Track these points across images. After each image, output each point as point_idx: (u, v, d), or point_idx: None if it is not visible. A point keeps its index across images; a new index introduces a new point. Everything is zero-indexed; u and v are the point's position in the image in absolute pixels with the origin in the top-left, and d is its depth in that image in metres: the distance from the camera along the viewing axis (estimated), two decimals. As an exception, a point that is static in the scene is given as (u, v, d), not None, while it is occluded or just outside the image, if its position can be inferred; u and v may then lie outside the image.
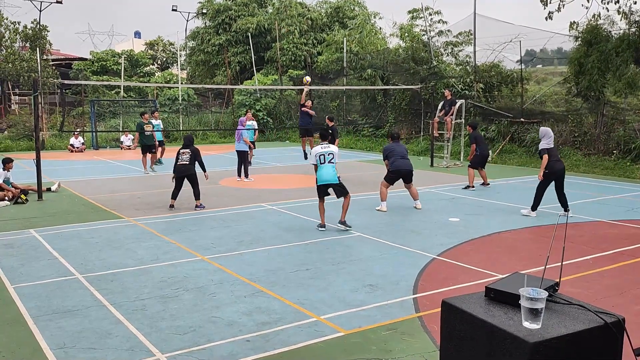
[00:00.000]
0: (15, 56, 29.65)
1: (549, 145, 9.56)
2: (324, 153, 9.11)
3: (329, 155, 9.10)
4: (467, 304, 2.62)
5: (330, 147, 9.25)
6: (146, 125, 16.50)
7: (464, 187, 13.01)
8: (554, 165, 9.54)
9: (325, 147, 9.21)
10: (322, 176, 9.06)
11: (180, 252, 7.68)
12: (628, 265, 7.05)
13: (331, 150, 9.17)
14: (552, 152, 9.58)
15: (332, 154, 9.14)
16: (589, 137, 17.67)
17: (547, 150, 9.50)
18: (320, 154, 9.11)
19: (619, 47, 16.19)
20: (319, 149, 9.19)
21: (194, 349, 4.65)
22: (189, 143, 10.82)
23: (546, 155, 9.45)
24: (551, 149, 9.56)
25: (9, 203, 11.32)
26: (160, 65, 43.98)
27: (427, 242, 8.14)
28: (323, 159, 9.08)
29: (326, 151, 9.13)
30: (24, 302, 5.76)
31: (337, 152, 9.31)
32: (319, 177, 9.10)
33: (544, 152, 9.51)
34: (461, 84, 21.38)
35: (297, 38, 31.79)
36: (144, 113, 17.38)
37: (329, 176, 9.03)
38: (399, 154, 10.54)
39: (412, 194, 10.70)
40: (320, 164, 9.08)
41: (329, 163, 9.08)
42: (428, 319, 5.27)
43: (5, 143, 24.11)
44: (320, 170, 9.09)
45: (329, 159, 9.09)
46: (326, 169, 9.05)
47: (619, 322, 2.44)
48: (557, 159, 9.72)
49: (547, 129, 9.81)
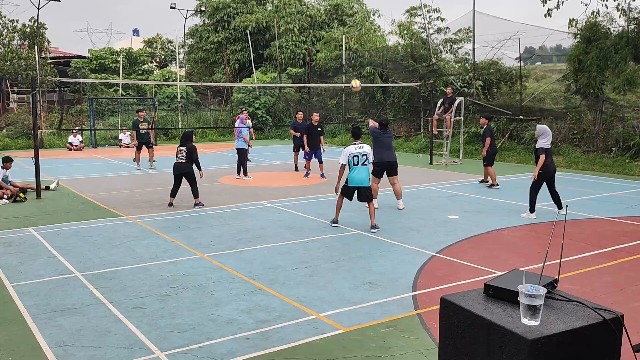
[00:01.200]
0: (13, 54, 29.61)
1: (547, 145, 9.30)
2: (358, 154, 8.67)
3: (362, 157, 8.67)
4: (466, 300, 2.62)
5: (364, 148, 8.79)
6: (141, 123, 16.66)
7: (488, 186, 12.79)
8: (549, 166, 9.36)
9: (359, 148, 8.76)
10: (354, 178, 8.67)
11: (180, 250, 7.68)
12: (627, 262, 7.06)
13: (365, 152, 8.72)
14: (549, 152, 9.36)
15: (366, 155, 8.72)
16: (588, 135, 17.68)
17: (545, 150, 9.26)
18: (354, 155, 8.67)
19: (618, 44, 16.19)
20: (353, 149, 8.74)
21: (193, 346, 4.65)
22: (186, 140, 10.61)
23: (543, 155, 9.21)
24: (549, 150, 9.33)
25: (7, 201, 11.31)
26: (158, 63, 43.96)
27: (426, 240, 8.14)
28: (357, 161, 8.66)
29: (360, 152, 8.69)
30: (23, 300, 5.76)
31: (370, 152, 8.89)
32: (351, 179, 8.69)
33: (542, 152, 9.26)
34: (460, 82, 21.38)
35: (297, 36, 31.76)
36: (139, 111, 17.56)
37: (362, 179, 8.67)
38: (385, 145, 10.09)
39: (396, 191, 10.31)
40: (353, 165, 8.68)
41: (362, 165, 8.68)
42: (427, 316, 5.28)
43: (4, 141, 24.09)
44: (352, 171, 8.68)
45: (362, 161, 8.67)
46: (360, 171, 8.67)
47: (618, 319, 2.44)
48: (552, 160, 9.50)
49: (546, 127, 9.56)
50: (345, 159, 8.78)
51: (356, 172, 8.71)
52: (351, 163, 8.74)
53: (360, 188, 8.73)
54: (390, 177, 10.33)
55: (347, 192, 8.86)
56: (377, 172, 10.23)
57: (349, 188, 8.79)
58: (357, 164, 8.70)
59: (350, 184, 8.75)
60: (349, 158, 8.74)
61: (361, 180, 8.71)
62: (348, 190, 8.83)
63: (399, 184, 10.47)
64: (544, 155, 9.24)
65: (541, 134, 9.42)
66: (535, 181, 9.45)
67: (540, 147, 9.34)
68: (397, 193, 10.39)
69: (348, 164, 8.78)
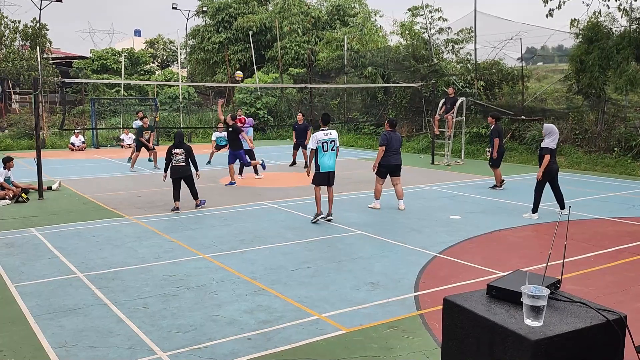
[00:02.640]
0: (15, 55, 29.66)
1: (553, 145, 9.21)
2: (327, 140, 9.06)
3: (331, 143, 9.05)
4: (469, 301, 2.62)
5: (332, 134, 9.16)
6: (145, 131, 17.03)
7: (490, 187, 12.64)
8: (552, 165, 9.31)
9: (327, 134, 9.13)
10: (324, 164, 9.08)
11: (182, 250, 7.68)
12: (629, 262, 7.04)
13: (333, 138, 9.14)
14: (554, 153, 9.31)
15: (334, 141, 9.14)
16: (589, 135, 17.66)
17: (551, 150, 9.17)
18: (322, 141, 9.03)
19: (620, 45, 16.17)
20: (322, 136, 9.09)
21: (195, 347, 4.65)
22: (181, 140, 10.45)
23: (548, 156, 9.12)
24: (554, 150, 9.26)
25: (10, 202, 11.33)
26: (160, 64, 43.99)
27: (428, 240, 8.14)
28: (326, 147, 9.02)
29: (328, 138, 9.09)
30: (25, 301, 5.77)
31: (337, 138, 9.32)
32: (322, 164, 9.08)
33: (547, 151, 9.16)
34: (462, 82, 21.36)
35: (300, 37, 31.77)
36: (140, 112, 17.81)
37: (331, 165, 9.12)
38: (394, 149, 10.23)
39: (398, 192, 10.39)
40: (323, 151, 9.02)
41: (331, 151, 9.07)
42: (429, 316, 5.27)
43: (6, 142, 24.11)
44: (322, 157, 9.06)
45: (331, 147, 9.06)
46: (329, 156, 9.07)
47: (621, 320, 2.44)
48: (555, 160, 9.43)
49: (553, 127, 9.41)
50: (314, 144, 9.13)
51: (326, 157, 9.12)
52: (320, 149, 9.09)
53: (330, 173, 9.19)
54: (393, 177, 10.40)
55: (320, 180, 9.21)
56: (381, 173, 10.37)
57: (321, 174, 9.17)
58: (327, 150, 9.09)
59: (322, 169, 9.16)
60: (318, 144, 9.09)
61: (330, 166, 9.16)
62: (321, 177, 9.19)
63: (401, 185, 10.50)
64: (548, 155, 9.14)
65: (547, 133, 9.29)
66: (542, 181, 9.40)
67: (546, 146, 9.21)
68: (398, 194, 10.42)
69: (317, 150, 9.11)
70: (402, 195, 10.44)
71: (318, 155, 9.12)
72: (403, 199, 10.47)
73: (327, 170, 9.14)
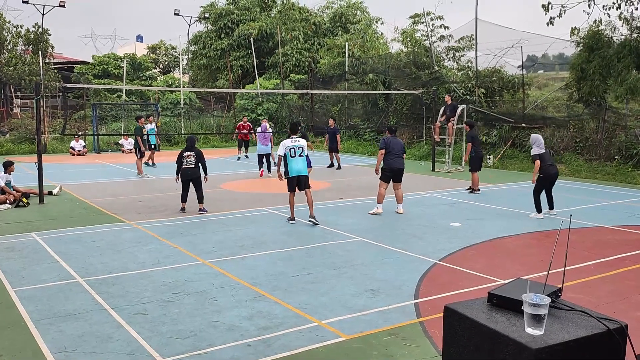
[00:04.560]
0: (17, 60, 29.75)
1: (540, 151, 9.95)
2: (294, 147, 9.58)
3: (298, 149, 9.56)
4: (470, 309, 2.62)
5: (300, 141, 9.67)
6: (143, 128, 17.02)
7: (468, 190, 12.99)
8: (548, 169, 9.95)
9: (295, 141, 9.65)
10: (292, 168, 9.54)
11: (182, 256, 7.67)
12: (630, 271, 7.03)
13: (301, 144, 9.63)
14: (544, 157, 9.96)
15: (302, 147, 9.60)
16: (590, 143, 17.67)
17: (539, 156, 9.90)
18: (290, 147, 9.56)
19: (621, 53, 16.20)
20: (289, 143, 9.63)
21: (195, 353, 4.64)
22: (193, 144, 10.80)
23: (538, 161, 9.88)
24: (543, 154, 9.94)
25: (10, 206, 11.33)
26: (162, 69, 44.09)
27: (429, 247, 8.13)
28: (293, 153, 9.53)
29: (296, 145, 9.60)
30: (25, 305, 5.76)
31: (305, 146, 9.75)
32: (290, 169, 9.56)
33: (536, 157, 9.94)
34: (462, 89, 21.40)
35: (302, 44, 31.86)
36: (140, 117, 17.69)
37: (299, 169, 9.53)
38: (395, 152, 10.47)
39: (398, 196, 10.64)
40: (290, 157, 9.51)
41: (299, 156, 9.53)
42: (429, 324, 5.26)
43: (7, 146, 24.15)
44: (291, 162, 9.54)
45: (298, 152, 9.54)
46: (297, 161, 9.53)
47: (622, 329, 2.43)
48: (551, 164, 10.12)
49: (538, 136, 10.26)
50: (283, 151, 9.63)
51: (294, 162, 9.57)
52: (288, 155, 9.56)
53: (299, 177, 9.58)
54: (395, 182, 10.60)
55: (291, 185, 9.64)
56: (385, 177, 10.53)
57: (291, 179, 9.61)
58: (295, 155, 9.57)
59: (291, 174, 9.60)
60: (286, 150, 9.59)
61: (299, 170, 9.58)
62: (291, 181, 9.62)
63: (402, 190, 10.71)
64: (538, 160, 9.91)
65: (533, 143, 10.16)
66: (537, 185, 10.05)
67: (534, 154, 10.02)
68: (398, 198, 10.65)
69: (285, 156, 9.60)
70: (401, 200, 10.64)
71: (287, 161, 9.61)
72: (402, 203, 10.65)
73: (295, 175, 9.56)
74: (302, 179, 9.65)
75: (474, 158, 12.90)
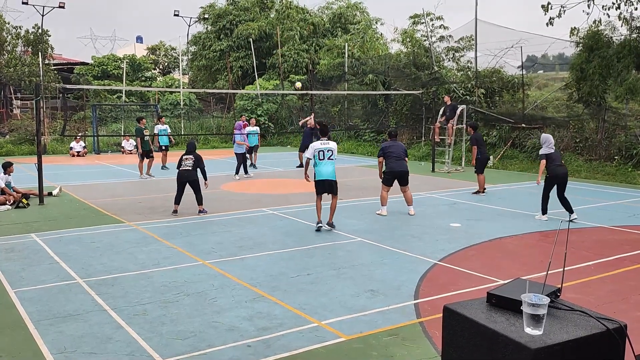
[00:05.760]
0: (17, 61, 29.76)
1: (548, 151, 9.75)
2: (324, 149, 9.12)
3: (328, 152, 9.12)
4: (469, 309, 2.61)
5: (330, 144, 9.24)
6: (144, 130, 16.69)
7: (473, 192, 12.93)
8: (555, 169, 9.70)
9: (324, 144, 9.22)
10: (321, 172, 9.11)
11: (181, 256, 7.67)
12: (630, 271, 7.03)
13: (330, 147, 9.18)
14: (552, 157, 9.75)
15: (332, 150, 9.16)
16: (590, 143, 17.67)
17: (546, 155, 9.72)
18: (319, 150, 9.11)
19: (620, 53, 16.21)
20: (319, 145, 9.18)
21: (195, 354, 4.64)
22: (192, 149, 10.86)
23: (543, 161, 9.73)
24: (550, 154, 9.74)
25: (10, 207, 11.33)
26: (162, 70, 44.09)
27: (429, 248, 8.13)
28: (322, 155, 9.08)
29: (326, 147, 9.14)
30: (24, 306, 5.76)
31: (335, 149, 9.33)
32: (318, 172, 9.13)
33: (542, 157, 9.79)
34: (462, 90, 21.41)
35: (299, 44, 31.85)
36: (141, 118, 17.49)
37: (328, 172, 9.09)
38: (395, 155, 10.46)
39: (407, 198, 10.59)
40: (319, 160, 9.09)
41: (328, 160, 9.10)
42: (429, 324, 5.26)
43: (7, 147, 24.15)
44: (319, 166, 9.11)
45: (328, 155, 9.11)
46: (325, 165, 9.08)
47: (621, 329, 2.43)
48: (559, 164, 9.84)
49: (548, 136, 10.01)
50: (311, 153, 9.20)
51: (322, 165, 9.12)
52: (316, 158, 9.12)
53: (326, 181, 9.14)
54: (401, 186, 10.61)
55: (318, 188, 9.22)
56: (387, 180, 10.52)
57: (317, 182, 9.19)
58: (323, 158, 9.11)
59: (318, 177, 9.17)
60: (315, 153, 9.13)
61: (327, 174, 9.12)
62: (317, 184, 9.20)
63: (410, 191, 10.67)
64: (543, 160, 9.74)
65: (543, 143, 9.90)
66: (545, 185, 9.82)
67: (541, 153, 9.83)
68: (407, 200, 10.61)
69: (314, 158, 9.16)
70: (411, 201, 10.61)
71: (316, 163, 9.20)
72: (412, 204, 10.63)
73: (323, 178, 9.12)
74: (329, 183, 9.11)
75: (479, 160, 12.88)
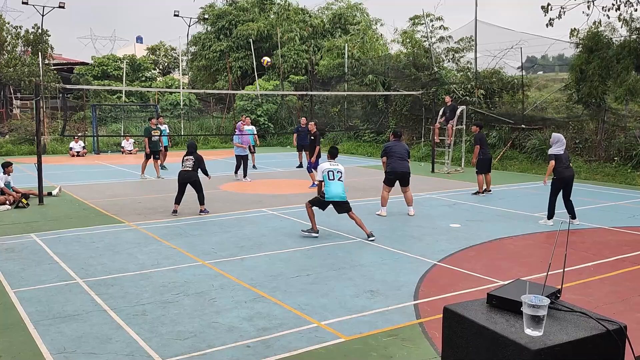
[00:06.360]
0: (17, 61, 29.75)
1: (558, 152, 9.50)
2: (333, 170, 9.02)
3: (337, 173, 9.02)
4: (469, 310, 2.62)
5: (339, 166, 9.16)
6: (154, 130, 16.40)
7: (473, 193, 12.93)
8: (563, 171, 9.48)
9: (333, 165, 9.12)
10: (330, 192, 8.89)
11: (181, 257, 7.67)
12: (629, 272, 7.03)
13: (339, 169, 9.08)
14: (561, 158, 9.51)
15: (341, 172, 9.06)
16: (589, 144, 17.69)
17: (555, 156, 9.48)
18: (329, 170, 9.00)
19: (620, 54, 16.23)
20: (328, 166, 9.07)
21: (195, 354, 4.64)
22: (193, 149, 10.87)
23: (552, 161, 9.47)
24: (560, 156, 9.50)
25: (10, 207, 11.33)
26: (161, 70, 44.07)
27: (428, 248, 8.13)
28: (332, 175, 8.97)
29: (335, 168, 9.05)
30: (24, 306, 5.76)
31: (344, 171, 9.18)
32: (328, 193, 8.93)
33: (551, 157, 9.53)
34: (462, 90, 21.41)
35: (299, 45, 31.86)
36: (151, 118, 17.51)
37: (338, 193, 8.91)
38: (398, 155, 10.48)
39: (407, 199, 10.61)
40: (328, 179, 8.96)
41: (338, 180, 8.98)
42: (429, 325, 5.26)
43: (7, 147, 24.14)
44: (329, 186, 8.93)
45: (337, 177, 8.99)
46: (335, 185, 8.93)
47: (621, 330, 2.44)
48: (567, 166, 9.61)
49: (559, 135, 9.75)
50: (321, 175, 9.05)
51: (332, 185, 8.92)
52: (326, 177, 8.96)
53: (337, 202, 8.94)
54: (402, 187, 10.62)
55: (319, 204, 9.05)
56: (388, 181, 10.53)
57: (325, 201, 8.98)
58: (333, 178, 8.94)
59: (327, 198, 8.92)
60: (324, 173, 8.99)
61: (337, 195, 8.91)
62: (321, 203, 9.03)
63: (411, 192, 10.68)
64: (552, 161, 9.46)
65: (554, 142, 9.64)
66: (552, 187, 9.62)
67: (551, 154, 9.58)
68: (408, 200, 10.62)
69: (323, 179, 8.99)
70: (411, 202, 10.62)
71: (326, 183, 9.01)
72: (412, 205, 10.64)
73: (332, 200, 8.91)
74: (340, 204, 8.98)
75: (482, 160, 12.78)
